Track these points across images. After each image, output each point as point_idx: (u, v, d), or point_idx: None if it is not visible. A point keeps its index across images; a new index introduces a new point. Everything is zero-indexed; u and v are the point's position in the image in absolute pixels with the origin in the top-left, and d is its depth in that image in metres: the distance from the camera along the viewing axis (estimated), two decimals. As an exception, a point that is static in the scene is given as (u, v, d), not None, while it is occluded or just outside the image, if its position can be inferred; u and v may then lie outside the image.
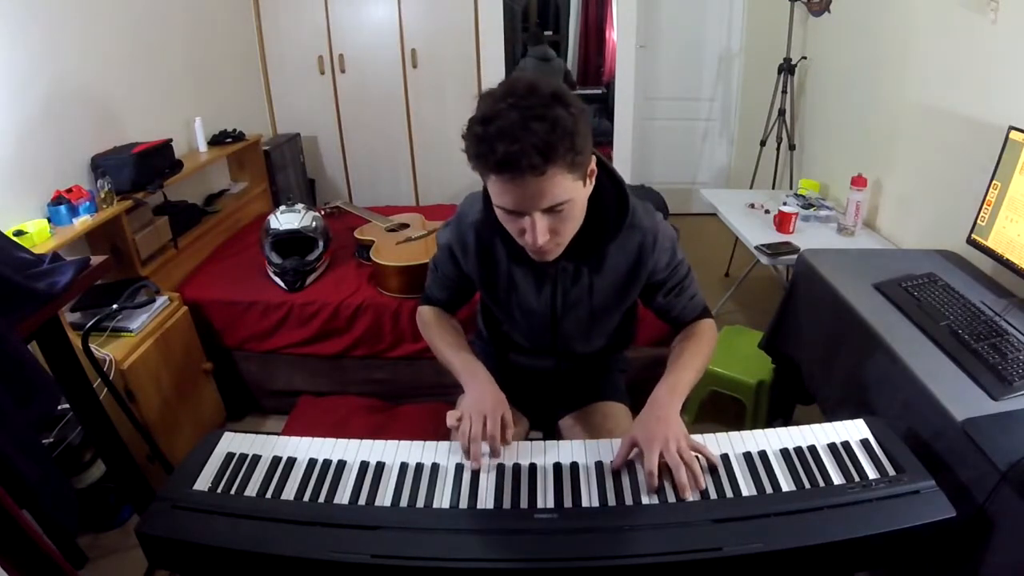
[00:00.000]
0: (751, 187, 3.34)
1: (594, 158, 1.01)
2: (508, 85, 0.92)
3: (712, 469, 1.02)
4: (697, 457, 1.01)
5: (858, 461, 1.03)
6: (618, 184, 1.11)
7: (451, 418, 1.09)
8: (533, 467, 1.04)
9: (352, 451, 1.08)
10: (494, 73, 3.52)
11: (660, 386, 1.11)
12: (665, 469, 0.98)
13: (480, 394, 1.13)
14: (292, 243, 2.35)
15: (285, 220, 2.36)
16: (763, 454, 1.05)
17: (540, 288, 1.19)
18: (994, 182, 1.60)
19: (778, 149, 3.13)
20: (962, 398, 1.21)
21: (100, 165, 2.13)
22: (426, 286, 1.35)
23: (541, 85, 0.91)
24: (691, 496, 0.96)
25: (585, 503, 0.97)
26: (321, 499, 0.99)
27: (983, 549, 1.09)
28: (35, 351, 1.44)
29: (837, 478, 1.00)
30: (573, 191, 0.94)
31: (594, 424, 1.36)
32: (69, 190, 1.96)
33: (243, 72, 3.39)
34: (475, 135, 0.91)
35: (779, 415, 2.10)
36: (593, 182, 1.03)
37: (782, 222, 2.39)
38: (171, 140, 2.41)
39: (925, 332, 1.43)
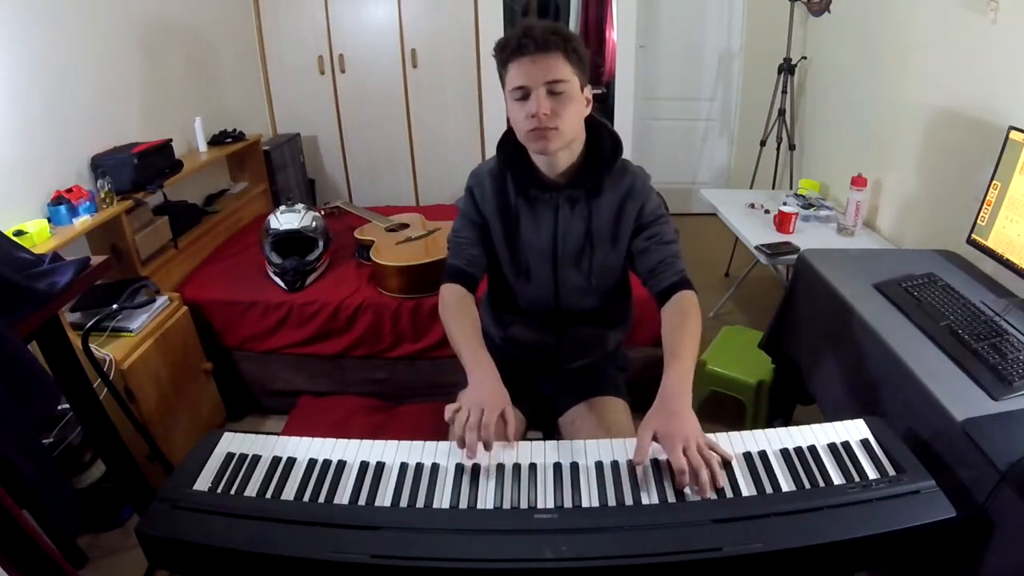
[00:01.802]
0: (751, 187, 3.33)
1: (590, 91, 1.25)
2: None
3: (725, 464, 1.03)
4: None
5: (858, 461, 1.03)
6: (613, 134, 1.30)
7: (449, 411, 1.09)
8: (533, 467, 1.04)
9: (352, 451, 1.08)
10: (494, 73, 3.50)
11: (668, 376, 1.11)
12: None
13: (481, 387, 1.13)
14: (292, 243, 2.35)
15: (285, 220, 2.37)
16: (763, 454, 1.06)
17: (543, 218, 1.30)
18: (994, 182, 1.60)
19: (778, 149, 3.13)
20: (962, 398, 1.21)
21: (100, 165, 2.13)
22: (448, 260, 1.37)
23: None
24: (709, 494, 0.97)
25: (585, 503, 0.98)
26: (321, 499, 0.99)
27: (983, 549, 1.09)
28: (35, 351, 1.44)
29: (837, 478, 1.00)
30: (570, 76, 1.17)
31: (594, 421, 1.36)
32: (69, 190, 1.96)
33: (243, 72, 3.39)
34: (507, 34, 1.19)
35: (779, 415, 2.10)
36: (589, 108, 1.24)
37: (782, 222, 2.39)
38: (171, 140, 2.41)
39: (925, 332, 1.43)
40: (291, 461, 1.06)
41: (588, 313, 1.39)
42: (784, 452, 1.06)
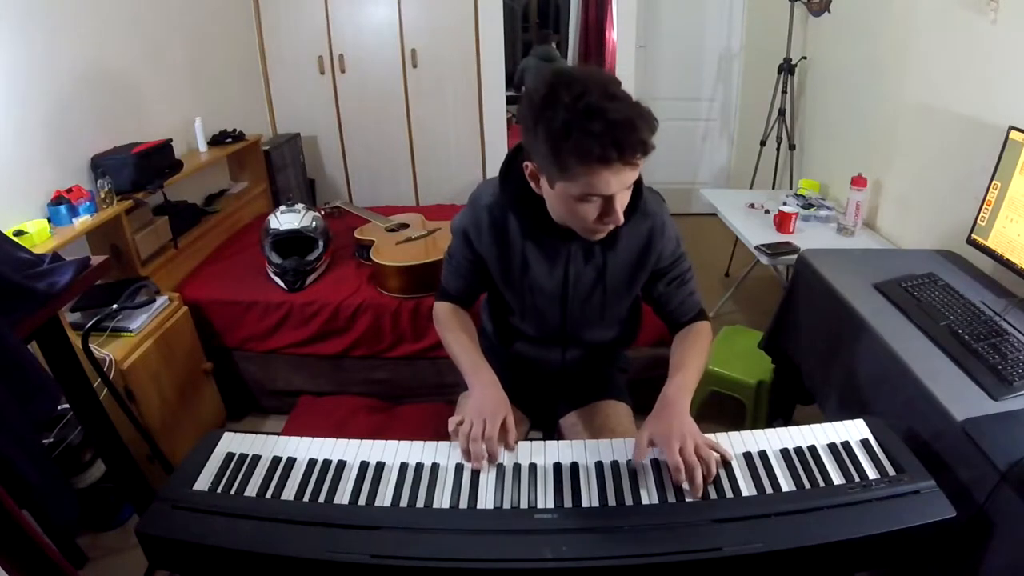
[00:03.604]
0: (751, 187, 3.34)
1: None
2: (581, 79, 0.93)
3: (725, 464, 1.03)
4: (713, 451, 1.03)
5: (858, 461, 1.03)
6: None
7: (452, 423, 1.10)
8: (533, 467, 1.04)
9: (352, 451, 1.08)
10: (494, 73, 3.51)
11: (668, 386, 1.12)
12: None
13: (482, 397, 1.13)
14: (292, 243, 2.35)
15: (285, 220, 2.36)
16: (763, 454, 1.06)
17: (553, 266, 1.20)
18: (994, 182, 1.60)
19: (778, 149, 3.14)
20: (962, 398, 1.21)
21: (100, 165, 2.13)
22: (441, 279, 1.34)
23: (606, 75, 0.97)
24: (701, 494, 0.97)
25: (585, 503, 0.98)
26: (321, 499, 0.99)
27: (983, 549, 1.09)
28: (35, 351, 1.44)
29: (837, 478, 1.00)
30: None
31: (596, 423, 1.36)
32: (69, 190, 1.96)
33: (243, 72, 3.39)
34: (589, 132, 0.90)
35: (779, 415, 2.10)
36: None
37: (782, 222, 2.39)
38: (171, 140, 2.41)
39: (925, 332, 1.43)
40: (291, 461, 1.06)
41: (595, 340, 1.34)
42: (784, 452, 1.06)
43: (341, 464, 1.05)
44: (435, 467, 1.05)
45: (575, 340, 1.32)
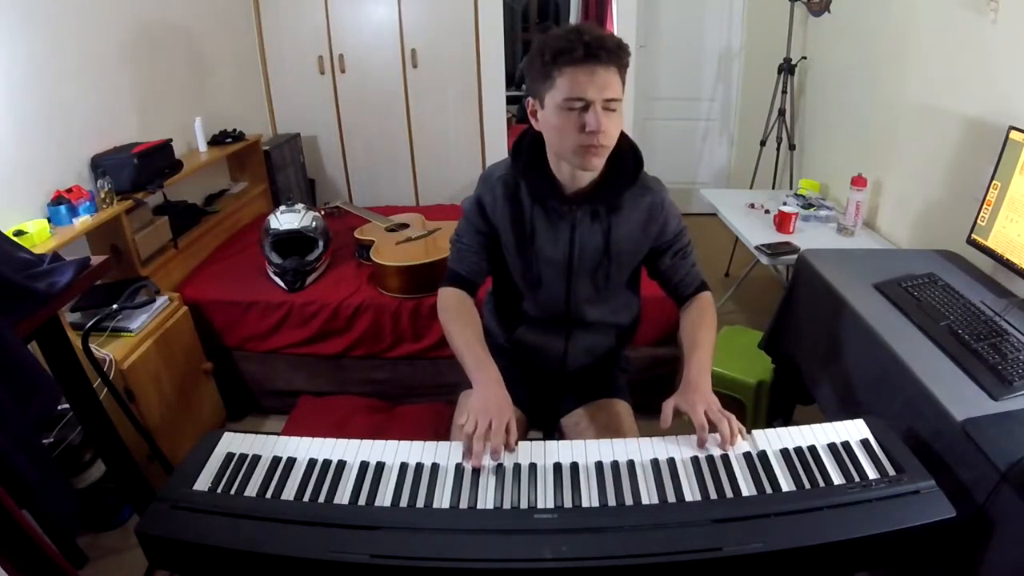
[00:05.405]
0: (751, 187, 3.34)
1: None
2: (574, 25, 1.14)
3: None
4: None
5: (858, 461, 1.03)
6: (634, 148, 1.26)
7: (455, 426, 1.10)
8: (533, 467, 1.04)
9: (352, 451, 1.08)
10: (494, 73, 3.51)
11: (689, 368, 1.20)
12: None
13: (486, 396, 1.13)
14: (292, 243, 2.35)
15: (285, 220, 2.36)
16: (763, 454, 1.06)
17: (559, 232, 1.26)
18: (994, 182, 1.60)
19: (778, 149, 3.14)
20: (962, 398, 1.21)
21: (100, 165, 2.13)
22: (448, 264, 1.35)
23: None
24: (732, 447, 1.06)
25: (585, 503, 0.98)
26: (321, 499, 0.99)
27: (983, 549, 1.09)
28: (35, 351, 1.44)
29: (837, 478, 1.00)
30: (622, 94, 1.13)
31: (598, 421, 1.37)
32: (69, 190, 1.96)
33: (243, 72, 3.39)
34: (562, 36, 1.09)
35: (779, 415, 2.10)
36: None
37: (782, 222, 2.39)
38: (171, 140, 2.41)
39: (925, 332, 1.43)
40: (291, 461, 1.06)
41: (598, 321, 1.37)
42: (784, 452, 1.06)
43: (341, 464, 1.06)
44: (435, 467, 1.05)
45: (578, 321, 1.35)
